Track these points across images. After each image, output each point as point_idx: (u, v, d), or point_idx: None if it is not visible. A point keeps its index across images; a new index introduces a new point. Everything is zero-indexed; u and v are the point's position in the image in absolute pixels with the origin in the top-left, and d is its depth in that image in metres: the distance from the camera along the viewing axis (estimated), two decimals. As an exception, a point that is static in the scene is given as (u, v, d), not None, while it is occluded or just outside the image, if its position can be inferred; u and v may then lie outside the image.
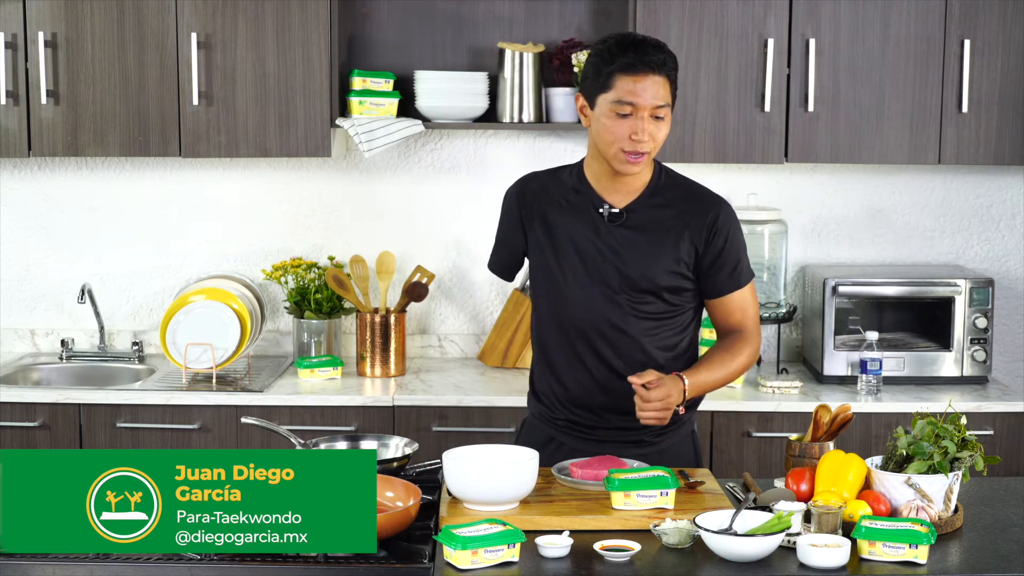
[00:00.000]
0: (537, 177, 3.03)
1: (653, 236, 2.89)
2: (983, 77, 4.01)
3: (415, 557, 2.37)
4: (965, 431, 2.58)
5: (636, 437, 2.95)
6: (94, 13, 3.98)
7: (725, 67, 4.00)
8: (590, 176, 2.94)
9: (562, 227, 2.93)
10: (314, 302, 4.24)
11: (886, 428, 3.80)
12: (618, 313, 2.90)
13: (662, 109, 2.79)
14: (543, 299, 2.98)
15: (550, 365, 2.99)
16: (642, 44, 2.80)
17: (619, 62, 2.78)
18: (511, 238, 3.04)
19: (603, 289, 2.89)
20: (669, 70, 2.81)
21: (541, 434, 3.01)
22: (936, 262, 4.42)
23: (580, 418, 2.97)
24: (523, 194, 3.00)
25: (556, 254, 2.93)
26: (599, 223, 2.90)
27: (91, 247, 4.43)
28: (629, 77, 2.77)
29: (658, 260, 2.88)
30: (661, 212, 2.90)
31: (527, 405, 3.13)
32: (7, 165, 4.38)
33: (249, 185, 4.40)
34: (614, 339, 2.91)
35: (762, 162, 4.05)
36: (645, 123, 2.78)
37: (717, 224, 2.90)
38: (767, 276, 4.21)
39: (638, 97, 2.77)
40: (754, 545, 2.32)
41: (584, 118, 2.88)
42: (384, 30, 4.32)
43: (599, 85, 2.81)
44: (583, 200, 2.93)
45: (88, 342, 4.42)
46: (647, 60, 2.77)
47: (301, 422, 3.83)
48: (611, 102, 2.79)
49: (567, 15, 4.30)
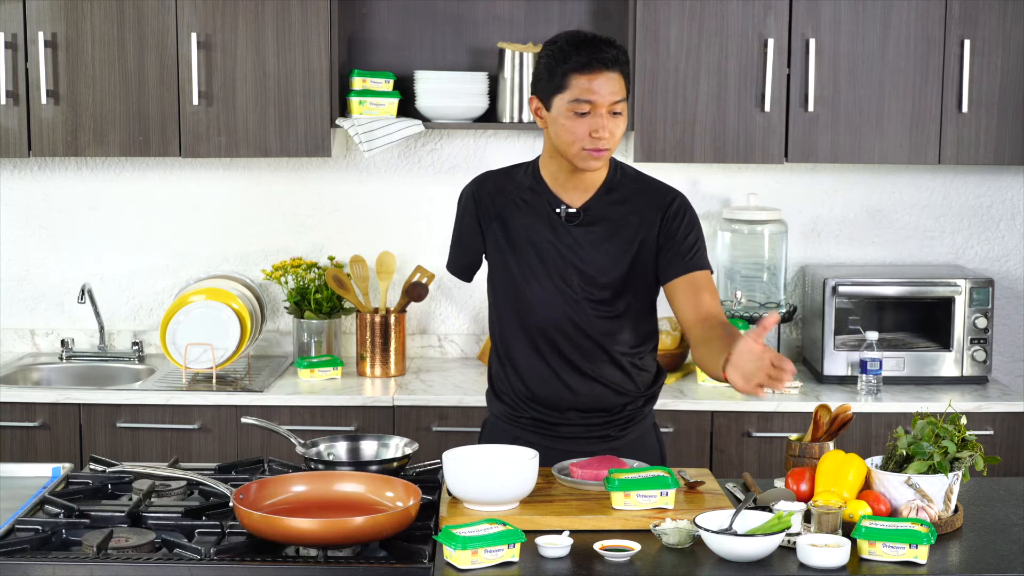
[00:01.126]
0: (492, 177, 3.02)
1: (611, 233, 2.89)
2: (983, 77, 4.01)
3: (415, 557, 2.37)
4: (965, 431, 2.58)
5: (601, 432, 2.97)
6: (94, 13, 3.98)
7: (725, 67, 4.00)
8: (546, 175, 2.93)
9: (520, 228, 2.93)
10: (314, 302, 4.24)
11: (886, 428, 3.80)
12: (580, 312, 2.90)
13: (619, 104, 2.80)
14: (503, 300, 2.98)
15: (513, 365, 2.98)
16: (594, 41, 2.80)
17: (573, 61, 2.77)
18: (468, 239, 3.03)
19: (564, 289, 2.90)
20: (622, 65, 2.81)
21: (505, 434, 3.01)
22: (936, 262, 4.42)
23: (545, 416, 2.97)
24: (479, 194, 2.99)
25: (515, 255, 2.92)
26: (556, 223, 2.90)
27: (91, 247, 4.43)
28: (584, 75, 2.77)
29: (617, 257, 2.89)
30: (618, 208, 2.91)
31: (487, 406, 3.12)
32: (7, 165, 4.38)
33: (249, 185, 4.40)
34: (576, 338, 2.91)
35: (762, 162, 4.05)
36: (604, 120, 2.78)
37: (671, 210, 2.91)
38: (767, 276, 4.21)
39: (595, 95, 2.77)
40: (754, 545, 2.32)
41: (539, 120, 2.87)
42: (384, 30, 4.32)
43: (554, 86, 2.80)
44: (539, 200, 2.93)
45: (88, 342, 4.42)
46: (601, 57, 2.77)
47: (301, 422, 3.83)
48: (568, 102, 2.78)
49: (567, 15, 4.30)
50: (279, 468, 2.89)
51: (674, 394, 3.91)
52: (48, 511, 2.62)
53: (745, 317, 4.10)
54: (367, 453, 2.92)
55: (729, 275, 4.22)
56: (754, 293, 4.21)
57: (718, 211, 4.35)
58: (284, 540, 2.38)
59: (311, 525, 2.36)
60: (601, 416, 2.96)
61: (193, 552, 2.37)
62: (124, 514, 2.55)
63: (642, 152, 4.03)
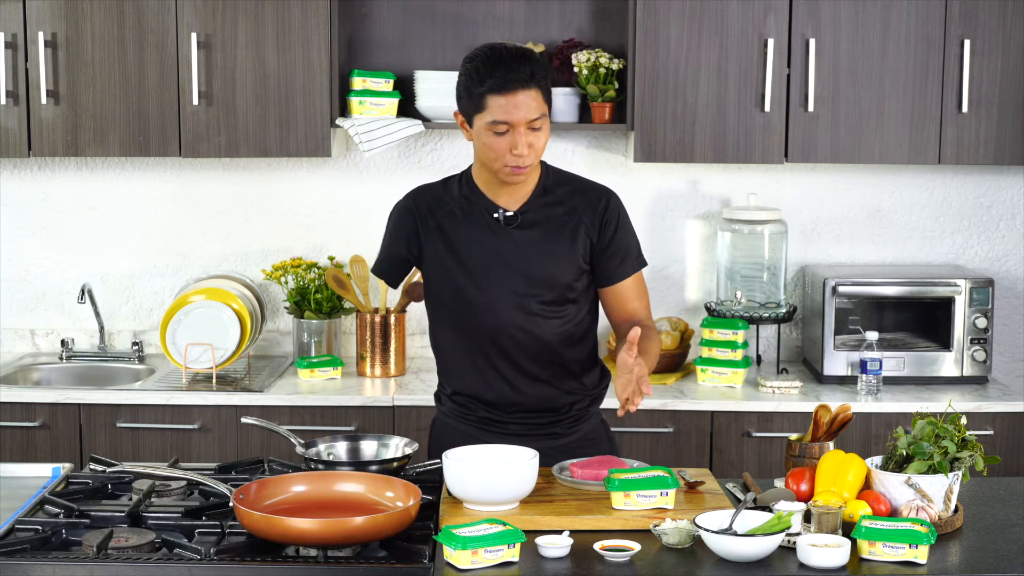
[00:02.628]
0: (429, 189, 3.04)
1: (550, 234, 2.92)
2: (983, 77, 4.00)
3: (415, 557, 2.37)
4: (965, 431, 2.58)
5: (549, 430, 3.00)
6: (94, 13, 3.98)
7: (725, 67, 4.00)
8: (480, 183, 2.96)
9: (461, 237, 2.94)
10: (314, 302, 4.23)
11: (886, 428, 3.80)
12: (525, 315, 2.92)
13: (537, 121, 2.81)
14: (444, 309, 2.99)
15: (457, 371, 3.01)
16: (507, 60, 2.79)
17: (488, 83, 2.78)
18: (399, 251, 3.03)
19: (508, 294, 2.92)
20: (539, 80, 2.81)
21: (455, 432, 3.02)
22: (936, 262, 4.42)
23: (493, 415, 3.00)
24: (417, 207, 3.00)
25: (458, 263, 2.94)
26: (496, 228, 2.93)
27: (91, 247, 4.43)
28: (500, 96, 2.78)
29: (559, 257, 2.92)
30: (554, 209, 2.94)
31: (436, 404, 3.14)
32: (7, 165, 4.38)
33: (249, 185, 4.40)
34: (523, 341, 2.93)
35: (762, 162, 4.05)
36: (522, 137, 2.80)
37: (607, 214, 2.95)
38: (767, 276, 4.21)
39: (511, 115, 2.78)
40: (754, 545, 2.32)
41: (465, 131, 2.90)
42: (384, 30, 4.32)
43: (472, 106, 2.83)
44: (476, 208, 2.95)
45: (88, 342, 4.42)
46: (516, 77, 2.78)
47: (301, 422, 3.83)
48: (487, 123, 2.80)
49: (567, 15, 4.30)
50: (279, 468, 2.89)
51: (674, 394, 3.91)
52: (48, 511, 2.62)
53: (745, 317, 4.10)
54: (367, 453, 2.92)
55: (729, 275, 4.22)
56: (754, 293, 4.21)
57: (718, 211, 4.35)
58: (284, 540, 2.38)
59: (311, 525, 2.36)
60: (548, 416, 3.00)
61: (193, 552, 2.37)
62: (124, 514, 2.55)
63: (642, 152, 4.03)
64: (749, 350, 4.27)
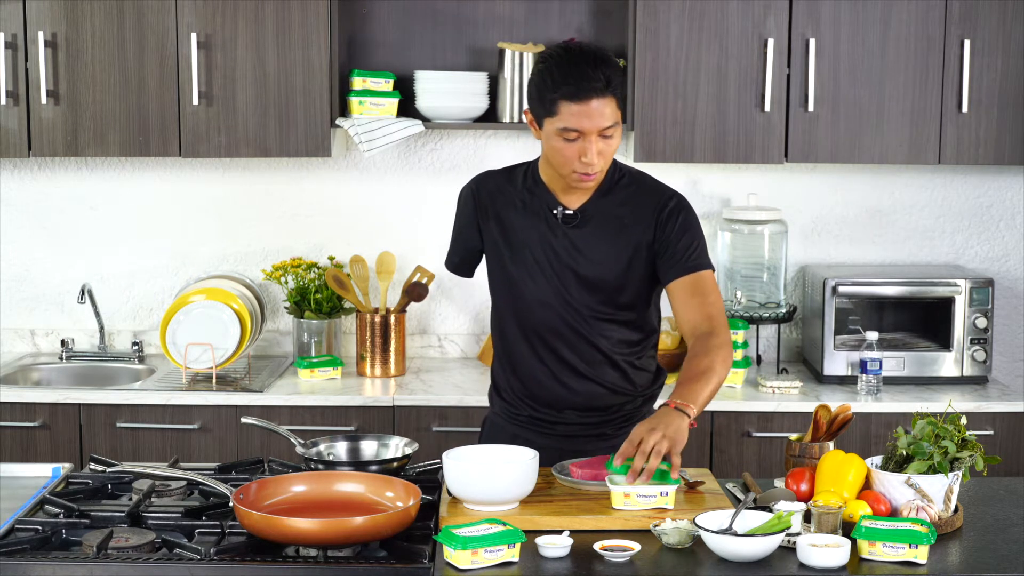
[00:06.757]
0: (493, 176, 3.01)
1: (608, 235, 2.88)
2: (983, 77, 4.01)
3: (415, 557, 2.37)
4: (965, 431, 2.58)
5: (598, 431, 2.97)
6: (94, 13, 3.98)
7: (725, 67, 4.00)
8: (545, 178, 2.92)
9: (518, 229, 2.92)
10: (314, 302, 4.24)
11: (886, 428, 3.80)
12: (577, 314, 2.90)
13: (610, 129, 2.75)
14: (502, 299, 2.98)
15: (511, 364, 2.99)
16: (582, 66, 2.71)
17: (562, 90, 2.71)
18: (467, 236, 3.03)
19: (559, 291, 2.89)
20: (614, 88, 2.73)
21: (504, 432, 3.01)
22: (936, 262, 4.42)
23: (542, 415, 2.98)
24: (479, 193, 2.99)
25: (512, 256, 2.92)
26: (554, 225, 2.90)
27: (91, 247, 4.43)
28: (573, 104, 2.71)
29: (613, 258, 2.88)
30: (616, 210, 2.89)
31: (489, 403, 3.13)
32: (7, 165, 4.38)
33: (249, 185, 4.40)
34: (571, 339, 2.91)
35: (762, 162, 4.05)
36: (593, 145, 2.74)
37: (667, 210, 2.87)
38: (767, 276, 4.21)
39: (583, 124, 2.72)
40: (754, 545, 2.32)
41: (534, 130, 2.84)
42: (384, 30, 4.32)
43: (544, 110, 2.76)
44: (538, 201, 2.92)
45: (88, 342, 4.42)
46: (590, 86, 2.70)
47: (301, 422, 3.83)
48: (557, 128, 2.74)
49: (567, 15, 4.30)
50: (279, 468, 2.89)
51: (674, 394, 3.91)
52: (48, 511, 2.62)
53: (745, 317, 4.10)
54: (367, 453, 2.92)
55: (729, 275, 4.22)
56: (754, 293, 4.21)
57: (718, 211, 4.35)
58: (284, 540, 2.38)
59: (311, 525, 2.36)
60: (598, 415, 2.96)
61: (193, 552, 2.37)
62: (124, 514, 2.55)
63: (642, 152, 4.03)
64: (749, 350, 4.27)
